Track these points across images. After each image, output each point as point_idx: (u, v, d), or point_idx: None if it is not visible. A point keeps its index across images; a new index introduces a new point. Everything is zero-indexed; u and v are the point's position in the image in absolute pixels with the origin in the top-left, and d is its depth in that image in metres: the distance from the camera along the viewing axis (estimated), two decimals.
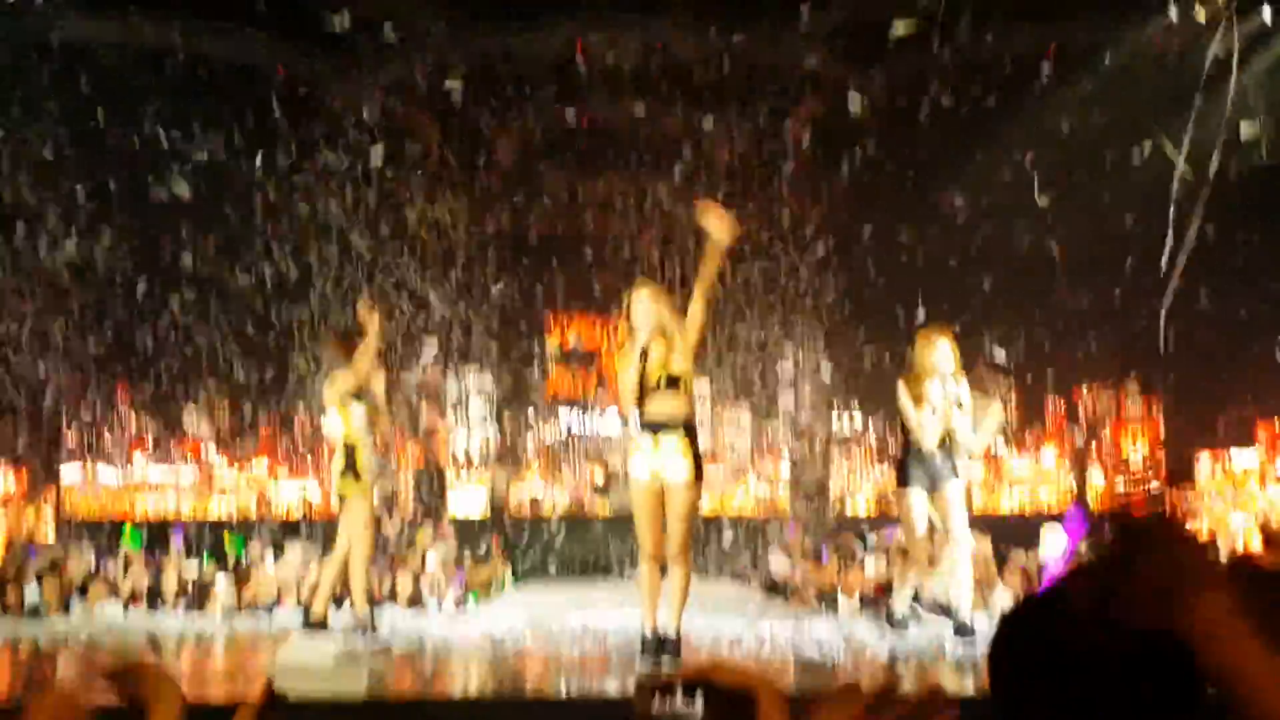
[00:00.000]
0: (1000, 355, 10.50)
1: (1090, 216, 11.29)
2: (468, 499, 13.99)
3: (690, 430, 6.43)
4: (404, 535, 11.18)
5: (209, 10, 10.87)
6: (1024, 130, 11.71)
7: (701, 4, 11.54)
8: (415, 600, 9.69)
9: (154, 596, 9.66)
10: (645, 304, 6.37)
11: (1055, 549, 8.89)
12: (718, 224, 6.17)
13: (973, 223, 11.99)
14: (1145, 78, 10.93)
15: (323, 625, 7.84)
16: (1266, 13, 10.49)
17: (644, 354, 6.26)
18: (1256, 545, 10.42)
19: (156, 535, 10.99)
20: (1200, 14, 10.78)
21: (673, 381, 6.36)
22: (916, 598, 7.82)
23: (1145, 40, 11.30)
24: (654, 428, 6.37)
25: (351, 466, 7.77)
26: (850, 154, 11.90)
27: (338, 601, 8.27)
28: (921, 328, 7.77)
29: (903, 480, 7.54)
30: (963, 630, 7.18)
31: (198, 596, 9.64)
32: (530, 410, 14.61)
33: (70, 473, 13.31)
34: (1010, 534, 9.82)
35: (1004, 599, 8.36)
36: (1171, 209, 8.02)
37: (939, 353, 7.34)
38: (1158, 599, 1.29)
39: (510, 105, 12.75)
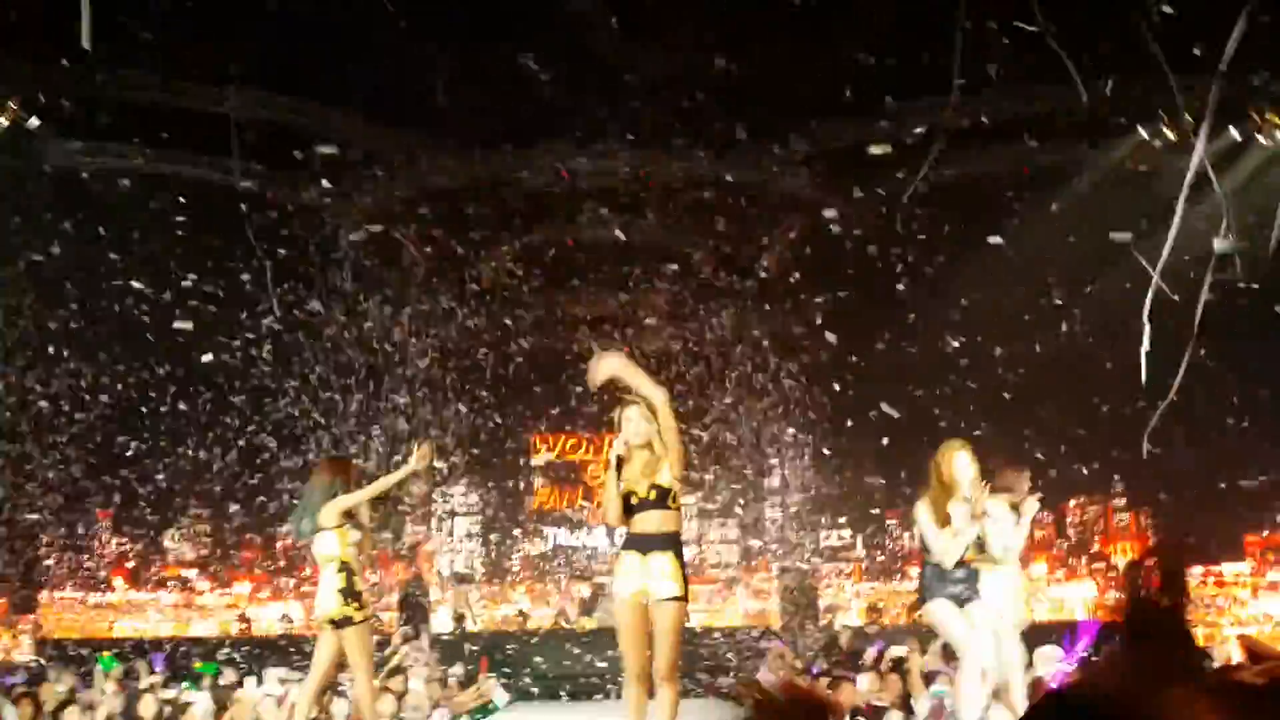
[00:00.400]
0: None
1: (1070, 335, 11.40)
2: (451, 616, 13.80)
3: (677, 546, 6.38)
4: (388, 658, 11.00)
5: (200, 140, 11.08)
6: (1005, 249, 11.86)
7: (685, 129, 11.77)
8: None
9: None
10: (635, 420, 6.39)
11: (1047, 669, 8.78)
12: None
13: (957, 341, 12.08)
14: (1121, 197, 11.12)
15: None
16: (1234, 132, 10.77)
17: (620, 463, 6.26)
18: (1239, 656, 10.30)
19: (135, 658, 10.80)
20: (1170, 134, 11.05)
21: (661, 495, 6.33)
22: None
23: (1119, 160, 11.54)
24: (640, 543, 6.33)
25: (351, 589, 7.69)
26: (832, 274, 12.04)
27: None
28: (942, 444, 7.65)
29: (924, 598, 7.44)
30: None
31: None
32: (516, 526, 14.53)
33: (50, 596, 13.13)
34: None
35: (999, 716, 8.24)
36: (1146, 327, 8.09)
37: (959, 466, 7.23)
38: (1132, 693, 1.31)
39: (498, 228, 12.91)
